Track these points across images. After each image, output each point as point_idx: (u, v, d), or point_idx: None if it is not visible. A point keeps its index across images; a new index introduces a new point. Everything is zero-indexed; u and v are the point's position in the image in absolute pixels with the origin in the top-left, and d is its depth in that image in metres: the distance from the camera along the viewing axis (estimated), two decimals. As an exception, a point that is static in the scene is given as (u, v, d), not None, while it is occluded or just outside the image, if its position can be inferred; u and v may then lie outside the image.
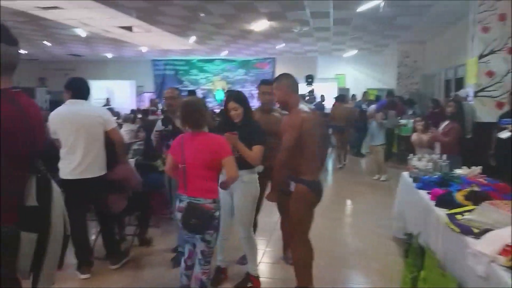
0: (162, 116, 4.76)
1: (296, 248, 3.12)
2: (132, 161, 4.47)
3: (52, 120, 3.46)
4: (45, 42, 13.22)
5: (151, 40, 12.74)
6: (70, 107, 3.47)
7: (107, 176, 3.53)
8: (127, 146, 5.00)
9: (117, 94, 17.17)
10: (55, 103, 14.82)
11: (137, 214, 4.30)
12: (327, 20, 9.87)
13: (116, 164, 3.58)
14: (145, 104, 16.75)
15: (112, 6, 8.34)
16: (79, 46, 14.46)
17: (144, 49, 14.73)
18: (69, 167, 3.39)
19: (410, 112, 10.14)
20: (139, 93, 18.16)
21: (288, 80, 3.11)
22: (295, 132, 2.90)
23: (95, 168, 3.49)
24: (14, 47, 1.74)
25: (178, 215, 2.76)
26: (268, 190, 3.37)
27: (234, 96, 3.30)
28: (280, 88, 3.07)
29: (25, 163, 1.74)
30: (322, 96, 12.85)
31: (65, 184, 3.35)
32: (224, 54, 16.22)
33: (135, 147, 5.76)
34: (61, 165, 3.46)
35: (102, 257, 3.82)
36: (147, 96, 17.98)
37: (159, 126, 3.95)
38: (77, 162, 3.41)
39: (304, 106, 3.09)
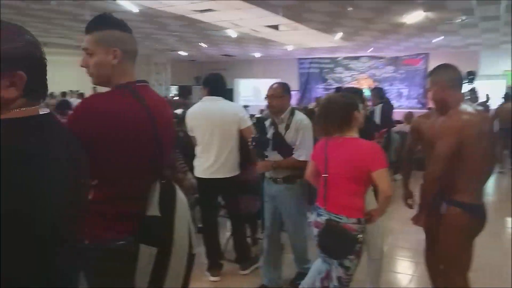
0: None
1: None
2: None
3: (189, 117, 3.46)
4: (201, 44, 14.23)
5: (297, 39, 12.72)
6: (206, 104, 3.41)
7: (241, 177, 3.41)
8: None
9: (263, 92, 17.67)
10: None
11: None
12: (497, 7, 8.45)
13: (250, 164, 3.43)
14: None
15: (261, 5, 8.45)
16: (230, 47, 15.25)
17: (290, 48, 14.83)
18: (203, 165, 3.36)
19: None
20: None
21: (448, 73, 2.52)
22: (453, 138, 2.30)
23: (228, 168, 3.38)
24: (132, 35, 1.63)
25: (314, 231, 2.44)
26: None
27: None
28: (437, 83, 2.48)
29: (148, 167, 1.58)
30: (487, 96, 11.18)
31: (199, 183, 3.35)
32: (370, 50, 15.38)
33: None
34: (196, 163, 3.44)
35: (233, 260, 3.74)
36: (292, 94, 18.13)
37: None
38: (211, 161, 3.33)
39: (467, 106, 2.47)
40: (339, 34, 11.78)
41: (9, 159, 0.84)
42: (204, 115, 3.34)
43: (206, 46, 14.78)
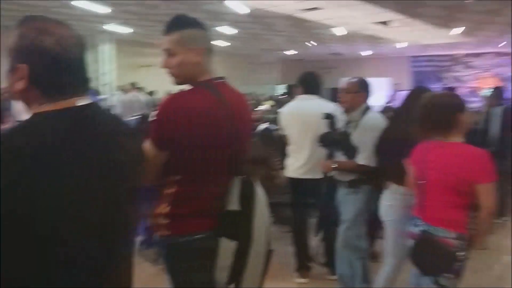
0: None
1: None
2: None
3: (282, 116, 3.42)
4: (307, 43, 14.21)
5: (409, 35, 12.00)
6: (299, 103, 3.36)
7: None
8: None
9: (372, 91, 17.03)
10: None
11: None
12: None
13: None
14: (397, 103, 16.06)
15: (370, 1, 8.14)
16: (338, 45, 14.97)
17: (400, 45, 14.07)
18: (295, 165, 3.31)
19: None
20: (395, 91, 17.55)
21: None
22: None
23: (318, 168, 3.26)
24: (207, 32, 1.65)
25: (409, 242, 2.27)
26: None
27: None
28: None
29: (228, 162, 1.61)
30: None
31: (290, 183, 3.31)
32: (501, 45, 13.84)
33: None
34: (287, 162, 3.41)
35: (323, 263, 3.61)
36: (402, 95, 17.21)
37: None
38: (302, 160, 3.25)
39: None
40: (458, 29, 10.82)
41: (4, 158, 0.84)
42: (297, 114, 3.30)
43: (315, 44, 14.70)
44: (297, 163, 3.30)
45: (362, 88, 2.92)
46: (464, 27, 10.66)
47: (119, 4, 8.97)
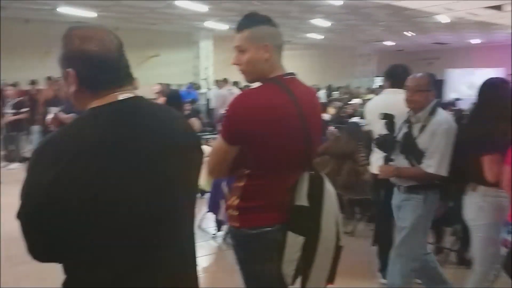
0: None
1: None
2: None
3: (367, 110, 3.27)
4: (407, 32, 13.43)
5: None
6: (386, 97, 3.16)
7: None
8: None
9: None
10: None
11: (458, 227, 3.57)
12: None
13: None
14: None
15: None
16: (442, 34, 13.93)
17: (517, 31, 12.61)
18: (379, 161, 3.17)
19: None
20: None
21: None
22: None
23: None
24: (278, 29, 1.66)
25: (502, 250, 2.06)
26: None
27: None
28: None
29: (298, 158, 1.62)
30: None
31: (374, 180, 3.18)
32: None
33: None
34: (372, 158, 3.25)
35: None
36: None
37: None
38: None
39: None
40: None
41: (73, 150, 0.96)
42: (382, 109, 3.06)
43: (414, 34, 13.86)
44: (382, 160, 3.14)
45: (431, 85, 2.61)
46: None
47: (217, 3, 9.35)
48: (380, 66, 18.09)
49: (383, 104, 3.12)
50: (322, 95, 12.40)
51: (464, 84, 15.87)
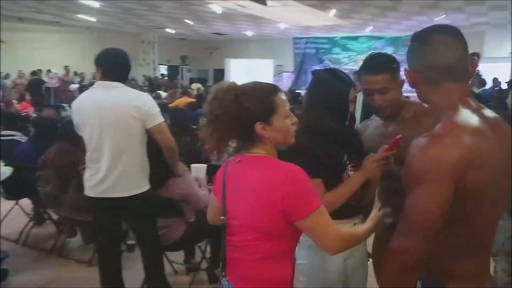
0: None
1: None
2: (201, 167, 3.00)
3: (73, 110, 2.46)
4: (186, 20, 13.32)
5: (290, 16, 11.84)
6: (97, 92, 2.37)
7: (159, 195, 2.59)
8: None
9: (256, 73, 16.88)
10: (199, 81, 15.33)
11: (209, 240, 3.08)
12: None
13: (169, 177, 2.60)
14: (283, 85, 16.15)
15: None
16: (220, 24, 14.35)
17: (282, 26, 13.95)
18: (93, 180, 2.40)
19: None
20: (278, 73, 17.59)
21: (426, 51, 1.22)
22: (446, 186, 1.04)
23: (130, 182, 2.38)
24: None
25: None
26: None
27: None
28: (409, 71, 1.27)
29: None
30: (495, 80, 10.22)
31: (90, 204, 2.47)
32: (369, 29, 14.47)
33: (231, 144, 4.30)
34: (85, 175, 2.45)
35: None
36: (286, 76, 17.36)
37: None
38: (102, 173, 2.35)
39: (470, 115, 1.13)
40: (333, 11, 10.88)
41: None
42: (92, 108, 2.35)
43: (192, 23, 13.87)
44: (96, 177, 2.39)
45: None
46: (337, 10, 10.76)
47: None
48: (163, 54, 17.71)
49: (93, 102, 2.37)
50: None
51: (242, 74, 16.86)
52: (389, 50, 15.77)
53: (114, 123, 2.32)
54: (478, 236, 1.14)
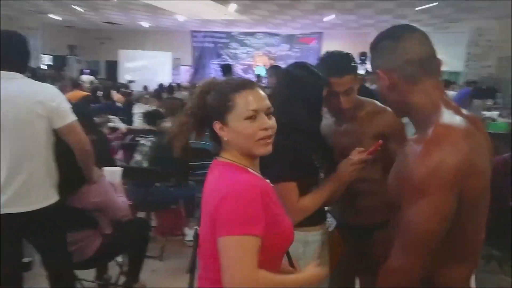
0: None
1: None
2: (116, 171, 2.74)
3: None
4: (75, 7, 12.23)
5: (189, 8, 11.52)
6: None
7: (67, 205, 2.26)
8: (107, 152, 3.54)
9: (151, 66, 16.17)
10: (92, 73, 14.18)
11: (130, 252, 2.78)
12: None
13: (82, 184, 2.31)
14: (181, 79, 15.77)
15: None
16: (113, 13, 13.44)
17: (180, 18, 13.55)
18: None
19: (489, 102, 8.47)
20: (175, 66, 17.12)
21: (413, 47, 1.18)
22: (450, 196, 0.98)
23: (34, 195, 2.04)
24: None
25: None
26: None
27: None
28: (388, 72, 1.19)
29: None
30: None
31: None
32: (268, 26, 14.79)
33: (144, 142, 3.74)
34: None
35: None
36: (184, 70, 16.97)
37: None
38: None
39: (454, 115, 1.10)
40: (233, 6, 10.86)
41: None
42: None
43: (82, 10, 12.77)
44: None
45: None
46: (237, 5, 10.77)
47: None
48: (47, 43, 16.08)
49: None
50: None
51: (136, 67, 16.05)
52: (284, 47, 16.37)
53: (12, 123, 1.95)
54: (471, 243, 1.13)
